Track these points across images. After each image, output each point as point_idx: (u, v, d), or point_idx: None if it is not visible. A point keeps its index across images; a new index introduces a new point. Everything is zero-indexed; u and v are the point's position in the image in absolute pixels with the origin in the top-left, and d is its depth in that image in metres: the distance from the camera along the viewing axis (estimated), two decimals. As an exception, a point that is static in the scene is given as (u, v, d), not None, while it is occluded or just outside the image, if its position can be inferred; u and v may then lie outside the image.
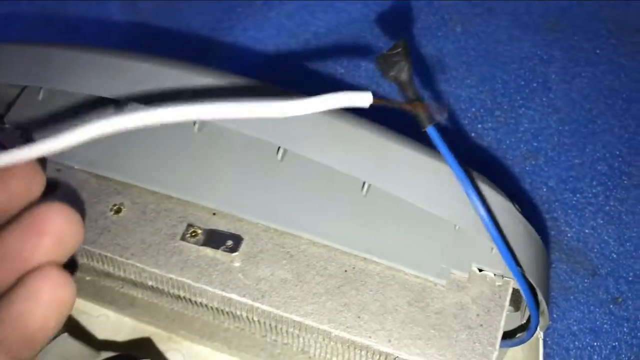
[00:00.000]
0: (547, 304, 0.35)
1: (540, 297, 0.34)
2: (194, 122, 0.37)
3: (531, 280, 0.33)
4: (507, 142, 0.53)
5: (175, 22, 0.61)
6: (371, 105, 0.27)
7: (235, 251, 0.35)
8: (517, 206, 0.35)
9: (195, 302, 0.36)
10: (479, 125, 0.54)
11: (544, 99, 0.55)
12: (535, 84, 0.56)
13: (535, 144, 0.53)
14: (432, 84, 0.55)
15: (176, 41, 0.60)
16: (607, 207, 0.51)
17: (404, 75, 0.30)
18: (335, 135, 0.34)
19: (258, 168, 0.37)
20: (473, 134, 0.53)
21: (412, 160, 0.34)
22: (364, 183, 0.35)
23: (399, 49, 0.30)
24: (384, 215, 0.35)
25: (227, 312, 0.36)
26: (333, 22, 0.60)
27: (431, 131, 0.31)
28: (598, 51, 0.56)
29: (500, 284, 0.34)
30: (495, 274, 0.34)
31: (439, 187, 0.33)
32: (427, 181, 0.33)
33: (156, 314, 0.40)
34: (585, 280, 0.48)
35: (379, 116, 0.38)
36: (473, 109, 0.55)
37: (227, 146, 0.37)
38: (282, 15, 0.61)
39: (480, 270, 0.34)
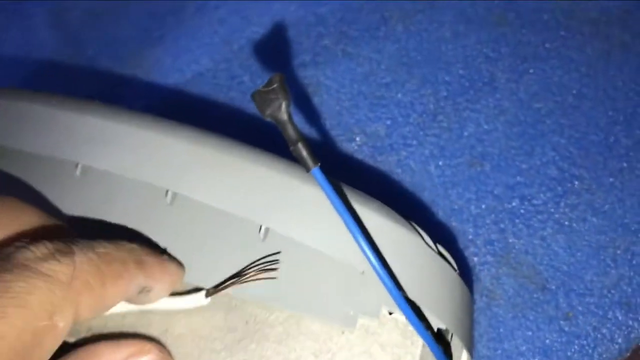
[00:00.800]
0: (469, 344, 0.32)
1: (457, 340, 0.31)
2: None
3: (440, 322, 0.30)
4: (451, 148, 0.50)
5: (104, 33, 0.58)
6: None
7: (125, 306, 0.32)
8: (427, 238, 0.32)
9: None
10: (421, 132, 0.51)
11: (490, 100, 0.52)
12: (480, 84, 0.52)
13: (480, 149, 0.50)
14: (371, 91, 0.52)
15: (104, 54, 0.57)
16: (557, 215, 0.48)
17: (281, 115, 0.27)
18: (228, 175, 0.31)
19: (149, 212, 0.34)
20: (415, 142, 0.50)
21: (312, 202, 0.31)
22: (260, 227, 0.32)
23: (275, 85, 0.27)
24: (284, 260, 0.32)
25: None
26: (268, 26, 0.57)
27: (316, 173, 0.28)
28: (547, 45, 0.53)
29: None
30: (407, 318, 0.31)
31: (340, 229, 0.30)
32: (327, 224, 0.31)
33: None
34: (534, 296, 0.46)
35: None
36: (415, 115, 0.51)
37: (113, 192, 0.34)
38: (214, 22, 0.57)
39: (391, 314, 0.31)
